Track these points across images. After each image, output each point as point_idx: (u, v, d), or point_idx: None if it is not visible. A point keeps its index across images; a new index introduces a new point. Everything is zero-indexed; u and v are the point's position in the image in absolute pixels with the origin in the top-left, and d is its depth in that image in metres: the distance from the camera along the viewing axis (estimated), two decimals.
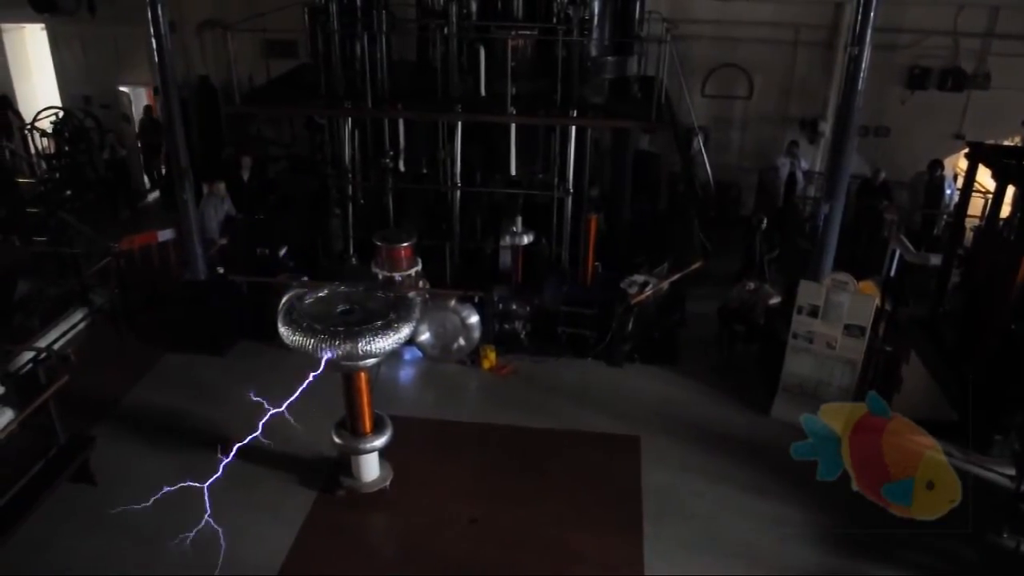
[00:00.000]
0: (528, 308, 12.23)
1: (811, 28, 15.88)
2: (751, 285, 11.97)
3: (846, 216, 11.21)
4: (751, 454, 9.92)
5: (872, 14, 9.37)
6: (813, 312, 10.24)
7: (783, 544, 8.62)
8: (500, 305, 12.12)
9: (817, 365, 10.37)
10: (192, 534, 8.51)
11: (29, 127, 17.71)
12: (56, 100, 18.73)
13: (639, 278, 11.91)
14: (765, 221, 13.30)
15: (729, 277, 13.19)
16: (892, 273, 12.35)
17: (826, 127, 16.01)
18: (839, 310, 10.10)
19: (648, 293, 11.70)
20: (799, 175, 15.81)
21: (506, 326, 12.21)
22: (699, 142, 15.68)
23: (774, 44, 15.97)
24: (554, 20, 11.91)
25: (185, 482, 9.47)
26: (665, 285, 11.92)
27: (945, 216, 14.44)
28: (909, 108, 16.06)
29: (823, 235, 10.57)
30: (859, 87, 9.64)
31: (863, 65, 9.52)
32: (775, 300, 11.73)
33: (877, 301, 10.35)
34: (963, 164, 14.36)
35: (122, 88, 18.24)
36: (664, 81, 11.93)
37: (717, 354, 12.13)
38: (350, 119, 12.99)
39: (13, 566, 8.16)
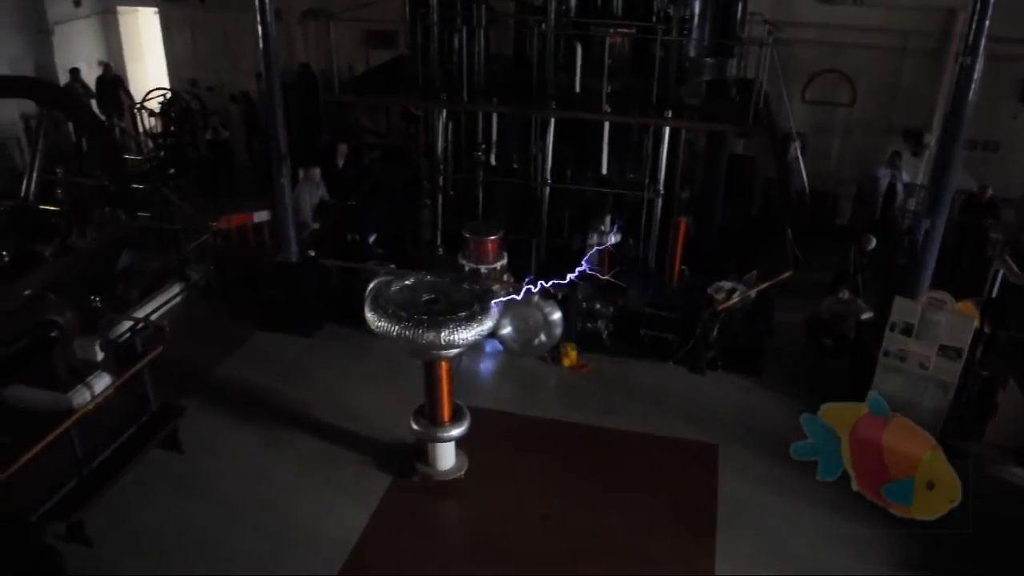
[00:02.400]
0: (612, 308, 12.19)
1: (921, 35, 15.36)
2: (845, 295, 11.68)
3: (948, 232, 10.84)
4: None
5: (986, 22, 9.00)
6: (907, 330, 9.93)
7: (858, 563, 8.40)
8: (584, 303, 12.11)
9: (908, 385, 10.03)
10: (271, 507, 8.84)
11: (138, 106, 18.46)
12: (164, 82, 19.49)
13: (726, 284, 11.74)
14: (874, 242, 12.92)
15: (820, 289, 12.89)
16: (994, 294, 11.88)
17: (931, 139, 15.47)
18: (935, 329, 9.77)
19: (735, 300, 11.52)
20: (899, 187, 15.34)
21: (588, 325, 12.19)
22: (796, 148, 15.36)
23: (880, 50, 15.51)
24: (653, 19, 11.81)
25: (267, 455, 9.87)
26: (753, 293, 11.72)
27: None
28: (1021, 122, 15.40)
29: (922, 250, 10.22)
30: (969, 98, 9.29)
31: (974, 75, 9.16)
32: (867, 315, 11.42)
33: (976, 323, 9.98)
34: None
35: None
36: (763, 84, 11.72)
37: (803, 367, 11.88)
38: (445, 111, 13.15)
39: (102, 524, 8.55)
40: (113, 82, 18.93)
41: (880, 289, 12.36)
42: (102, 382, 9.07)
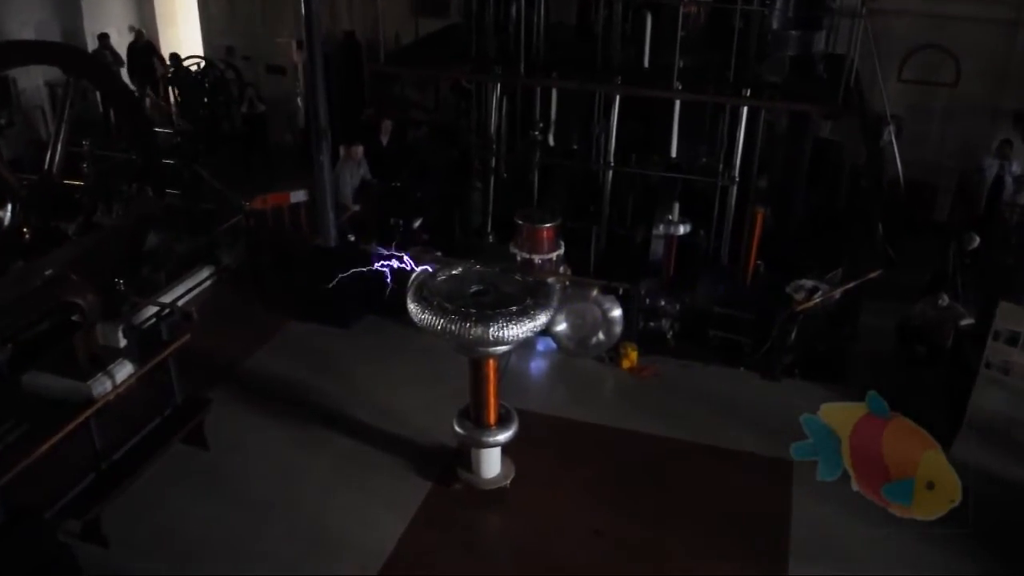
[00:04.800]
0: (678, 306, 12.09)
1: None
2: (944, 300, 11.43)
3: None
4: None
5: None
6: (1012, 339, 9.68)
7: None
8: (647, 300, 12.03)
9: (1012, 401, 9.80)
10: (301, 510, 8.92)
11: (171, 75, 18.78)
12: (199, 49, 19.80)
13: (807, 283, 11.56)
14: (977, 240, 12.61)
15: (913, 291, 12.62)
16: None
17: None
18: None
19: (817, 300, 11.35)
20: (1008, 179, 14.93)
21: (651, 324, 12.11)
22: (890, 133, 15.04)
23: (989, 24, 15.12)
24: None
25: (297, 454, 9.97)
26: (837, 293, 11.53)
27: None
28: None
29: None
30: None
31: None
32: (967, 321, 11.15)
33: None
34: None
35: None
36: (855, 61, 11.53)
37: (891, 377, 11.64)
38: (500, 86, 13.15)
39: (122, 522, 8.70)
40: (145, 49, 19.28)
41: (982, 293, 12.07)
42: (124, 371, 9.23)
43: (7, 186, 10.50)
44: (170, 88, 18.89)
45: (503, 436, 9.22)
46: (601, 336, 11.72)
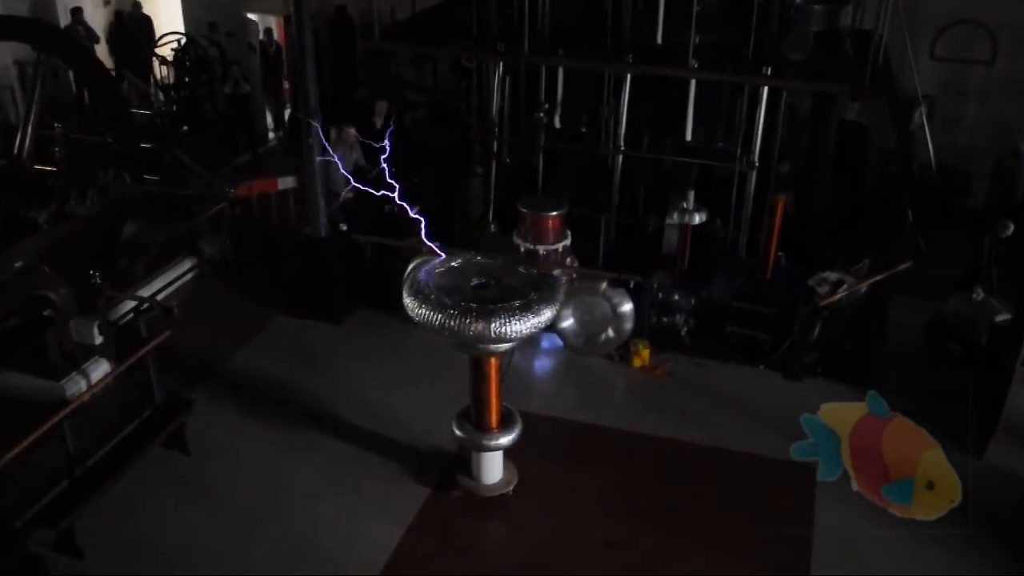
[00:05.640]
0: (693, 300, 12.08)
1: None
2: (979, 294, 11.41)
3: None
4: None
5: None
6: None
7: None
8: (660, 294, 12.01)
9: None
10: (289, 519, 8.91)
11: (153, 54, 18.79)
12: (179, 25, 19.77)
13: (832, 276, 11.54)
14: (1012, 228, 12.59)
15: (945, 284, 12.61)
16: None
17: None
18: None
19: (842, 294, 11.34)
20: None
21: (664, 319, 12.10)
22: (921, 115, 15.02)
23: None
24: None
25: (285, 459, 9.96)
26: (863, 287, 11.51)
27: None
28: None
29: None
30: None
31: None
32: (1003, 317, 11.14)
33: None
34: None
35: (250, 15, 19.02)
36: (884, 37, 11.49)
37: (921, 377, 11.64)
38: (502, 64, 13.12)
39: (97, 531, 8.69)
40: (140, 24, 19.20)
41: (1020, 286, 12.06)
42: (100, 370, 9.27)
43: None
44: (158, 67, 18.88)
45: (505, 440, 9.22)
46: (610, 333, 11.71)
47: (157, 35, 19.30)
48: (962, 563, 8.76)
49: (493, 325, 8.04)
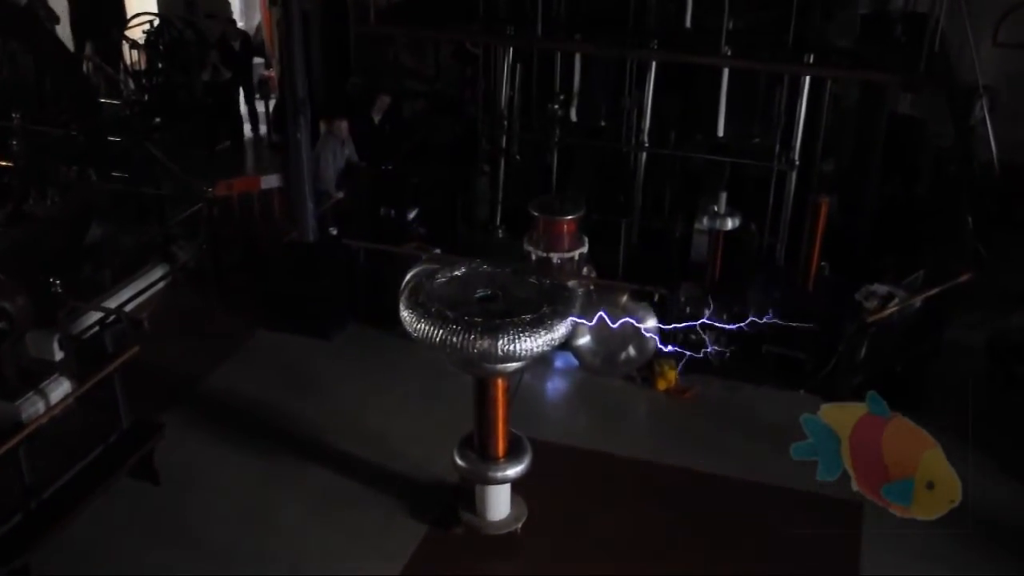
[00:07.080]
0: (725, 316, 12.07)
1: None
2: None
3: None
4: (1021, 545, 9.46)
5: None
6: None
7: None
8: (687, 308, 12.01)
9: None
10: (271, 559, 8.91)
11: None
12: (152, 5, 19.87)
13: (881, 288, 11.54)
14: None
15: (1009, 298, 12.60)
16: None
17: None
18: None
19: (892, 310, 11.33)
20: None
21: (693, 337, 12.09)
22: (983, 108, 15.02)
23: None
24: None
25: (267, 491, 9.96)
26: (917, 301, 11.51)
27: None
28: None
29: None
30: None
31: None
32: None
33: None
34: None
35: None
36: (940, 22, 11.49)
37: (981, 401, 11.60)
38: (512, 50, 13.16)
39: (56, 570, 8.70)
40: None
41: None
42: (60, 389, 9.27)
43: None
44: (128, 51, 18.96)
45: (513, 471, 9.20)
46: (632, 351, 11.71)
47: (127, 15, 19.36)
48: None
49: (500, 342, 8.02)
